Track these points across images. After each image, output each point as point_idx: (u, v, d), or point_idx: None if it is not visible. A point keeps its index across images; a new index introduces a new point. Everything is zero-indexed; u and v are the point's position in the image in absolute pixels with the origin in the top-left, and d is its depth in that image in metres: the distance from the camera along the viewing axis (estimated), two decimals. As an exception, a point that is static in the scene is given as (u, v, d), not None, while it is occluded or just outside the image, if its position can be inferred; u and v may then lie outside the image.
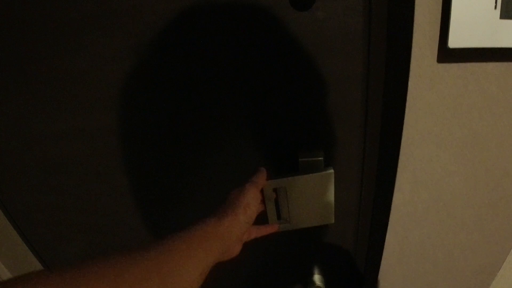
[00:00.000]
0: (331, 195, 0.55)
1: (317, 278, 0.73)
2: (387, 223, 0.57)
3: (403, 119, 0.46)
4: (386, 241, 0.59)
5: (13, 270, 0.70)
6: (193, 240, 0.33)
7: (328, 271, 0.73)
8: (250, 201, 0.42)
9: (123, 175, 0.60)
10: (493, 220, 0.54)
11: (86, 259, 0.24)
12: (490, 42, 0.42)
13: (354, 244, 0.67)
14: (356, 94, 0.49)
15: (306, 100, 0.51)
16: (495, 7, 0.40)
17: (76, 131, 0.55)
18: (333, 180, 0.53)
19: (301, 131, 0.54)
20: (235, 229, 0.38)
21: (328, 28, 0.44)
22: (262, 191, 0.52)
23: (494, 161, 0.49)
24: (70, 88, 0.51)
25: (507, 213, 0.53)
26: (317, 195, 0.54)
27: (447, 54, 0.43)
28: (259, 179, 0.46)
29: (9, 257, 0.69)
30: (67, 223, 0.66)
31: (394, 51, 0.44)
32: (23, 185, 0.62)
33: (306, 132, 0.54)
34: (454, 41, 0.42)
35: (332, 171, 0.52)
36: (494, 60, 0.43)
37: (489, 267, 0.59)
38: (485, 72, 0.43)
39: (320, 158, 0.54)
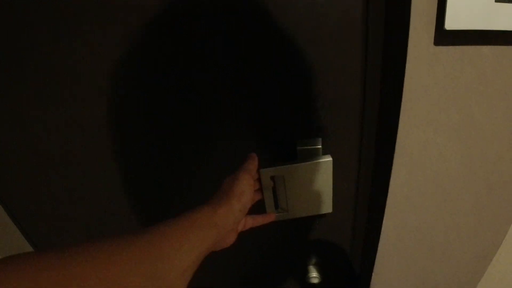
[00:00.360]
0: (329, 184, 0.54)
1: (314, 268, 0.73)
2: (384, 207, 0.57)
3: (400, 102, 0.46)
4: (383, 225, 0.60)
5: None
6: (187, 227, 0.32)
7: (325, 261, 0.73)
8: (245, 189, 0.41)
9: (120, 168, 0.59)
10: (489, 204, 0.54)
11: (77, 243, 0.24)
12: (486, 24, 0.42)
13: (351, 234, 0.67)
14: (355, 80, 0.49)
15: (304, 88, 0.50)
16: (491, -10, 0.40)
17: (72, 124, 0.55)
18: (331, 168, 0.52)
19: (299, 119, 0.53)
20: (229, 217, 0.38)
21: (326, 14, 0.44)
22: (259, 179, 0.51)
23: (490, 144, 0.49)
24: (67, 81, 0.51)
25: (503, 197, 0.54)
26: (315, 184, 0.54)
27: (444, 36, 0.43)
28: (251, 165, 0.46)
29: (7, 251, 0.68)
30: (65, 215, 0.66)
31: (392, 34, 0.44)
32: (21, 178, 0.61)
33: (304, 121, 0.53)
34: (451, 23, 0.41)
35: (330, 159, 0.52)
36: (489, 43, 0.43)
37: (485, 251, 0.59)
38: (481, 55, 0.44)
39: (318, 146, 0.53)
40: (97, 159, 0.58)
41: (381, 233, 0.60)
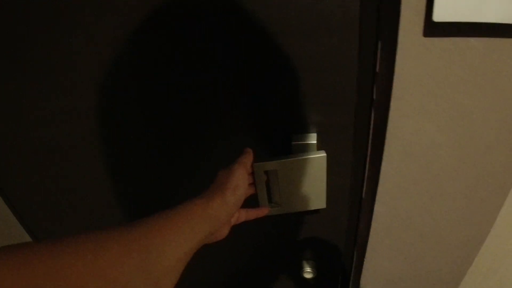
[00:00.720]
0: (323, 179, 0.54)
1: (308, 263, 0.73)
2: (375, 193, 0.58)
3: (391, 92, 0.47)
4: (375, 211, 0.61)
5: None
6: (179, 218, 0.32)
7: (319, 256, 0.74)
8: (239, 182, 0.41)
9: (116, 158, 0.60)
10: (478, 192, 0.56)
11: (65, 235, 0.24)
12: (474, 17, 0.43)
13: (345, 229, 0.67)
14: (351, 73, 0.48)
15: (299, 83, 0.50)
16: (479, -18, 0.41)
17: (68, 114, 0.55)
18: (325, 163, 0.52)
19: (294, 114, 0.53)
20: (223, 210, 0.38)
21: (320, 9, 0.44)
22: (252, 173, 0.51)
23: (479, 133, 0.50)
24: (63, 70, 0.50)
25: (492, 186, 0.55)
26: (309, 179, 0.54)
27: (433, 28, 0.43)
28: (246, 159, 0.46)
29: (5, 237, 0.69)
30: (62, 204, 0.66)
31: (383, 26, 0.44)
32: (18, 167, 0.61)
33: (300, 115, 0.53)
34: (439, 15, 0.42)
35: (324, 154, 0.52)
36: (477, 35, 0.44)
37: (474, 238, 0.61)
38: (469, 46, 0.44)
39: (313, 142, 0.53)
40: (92, 147, 0.58)
41: (373, 219, 0.61)
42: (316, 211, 0.64)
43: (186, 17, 0.45)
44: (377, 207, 0.60)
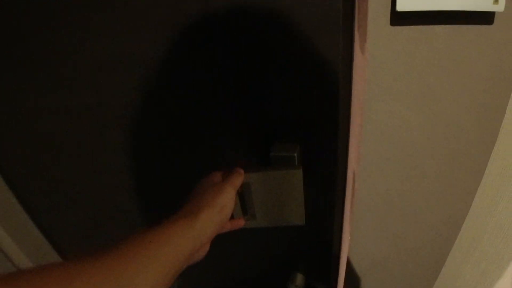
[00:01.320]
0: (300, 195, 0.51)
1: (295, 275, 0.68)
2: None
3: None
4: (355, 189, 0.63)
5: (15, 237, 0.73)
6: (157, 240, 0.30)
7: (309, 268, 0.70)
8: (227, 203, 0.40)
9: (115, 151, 0.61)
10: (453, 171, 0.59)
11: (27, 269, 0.23)
12: (435, 5, 0.47)
13: (331, 242, 0.64)
14: (336, 77, 0.46)
15: (283, 90, 0.49)
16: (438, -27, 0.45)
17: (68, 114, 0.57)
18: (301, 178, 0.49)
19: (277, 123, 0.52)
20: (207, 230, 0.36)
21: (305, 10, 0.42)
22: None
23: (448, 113, 0.54)
24: (65, 69, 0.52)
25: (466, 165, 0.58)
26: (285, 193, 0.51)
27: (397, 17, 0.47)
28: (238, 181, 0.44)
29: (10, 225, 0.71)
30: (64, 193, 0.68)
31: (352, 16, 0.47)
32: (22, 158, 0.64)
33: (282, 124, 0.52)
34: (402, 5, 0.46)
35: (300, 169, 0.48)
36: (440, 22, 0.48)
37: (454, 217, 0.63)
38: (434, 33, 0.48)
39: (292, 154, 0.50)
40: (92, 140, 0.60)
41: (354, 197, 0.63)
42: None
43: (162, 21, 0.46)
44: (357, 185, 0.63)
